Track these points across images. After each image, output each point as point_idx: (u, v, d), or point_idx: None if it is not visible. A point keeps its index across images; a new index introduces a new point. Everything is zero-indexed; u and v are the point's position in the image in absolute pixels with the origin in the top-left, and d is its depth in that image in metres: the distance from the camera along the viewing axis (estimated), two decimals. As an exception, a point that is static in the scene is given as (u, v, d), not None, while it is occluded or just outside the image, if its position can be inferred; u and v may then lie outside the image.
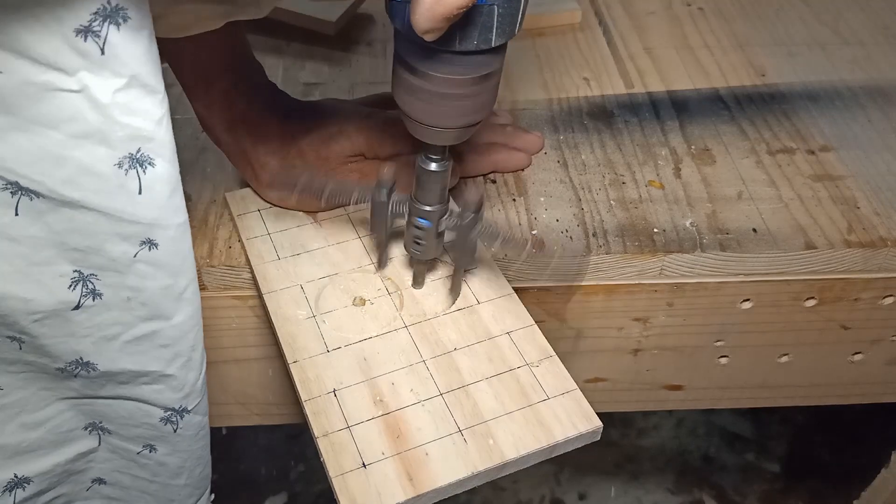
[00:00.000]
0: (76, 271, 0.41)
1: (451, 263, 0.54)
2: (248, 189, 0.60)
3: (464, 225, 0.48)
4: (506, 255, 0.56)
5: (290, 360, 0.49)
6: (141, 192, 0.40)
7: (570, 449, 0.46)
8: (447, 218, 0.50)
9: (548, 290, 0.58)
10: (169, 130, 0.40)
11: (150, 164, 0.39)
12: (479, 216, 0.48)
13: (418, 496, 0.42)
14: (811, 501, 1.18)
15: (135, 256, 0.41)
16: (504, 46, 0.41)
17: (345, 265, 0.55)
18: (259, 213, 0.58)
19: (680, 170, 0.64)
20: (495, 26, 0.39)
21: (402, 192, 0.50)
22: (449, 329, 0.51)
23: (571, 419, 0.46)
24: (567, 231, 0.58)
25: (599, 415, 0.46)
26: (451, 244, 0.52)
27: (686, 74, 0.74)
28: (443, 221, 0.50)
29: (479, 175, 0.62)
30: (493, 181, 0.62)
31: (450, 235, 0.51)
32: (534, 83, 0.73)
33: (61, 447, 0.50)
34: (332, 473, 0.43)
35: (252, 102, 0.56)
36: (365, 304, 0.52)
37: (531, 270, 0.57)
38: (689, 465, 1.24)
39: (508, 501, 1.19)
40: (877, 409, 0.73)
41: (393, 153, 0.58)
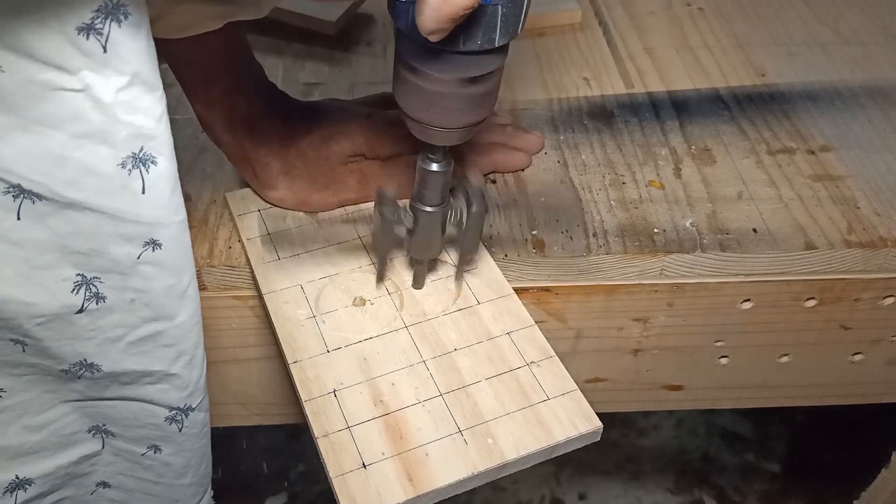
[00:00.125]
0: (79, 275, 0.41)
1: (450, 259, 0.54)
2: (248, 189, 0.60)
3: (474, 213, 0.48)
4: (505, 255, 0.56)
5: (290, 360, 0.49)
6: (144, 192, 0.40)
7: (570, 449, 0.46)
8: (451, 215, 0.50)
9: (548, 290, 0.58)
10: (168, 127, 0.40)
11: (152, 162, 0.39)
12: (484, 199, 0.48)
13: (418, 496, 0.42)
14: (811, 501, 1.18)
15: (138, 258, 0.41)
16: (506, 46, 0.41)
17: (345, 265, 0.55)
18: (259, 214, 0.58)
19: (680, 170, 0.64)
20: (499, 26, 0.39)
21: (402, 193, 0.50)
22: (449, 329, 0.51)
23: (571, 419, 0.46)
24: (567, 231, 0.58)
25: (599, 415, 0.46)
26: (461, 233, 0.51)
27: (686, 74, 0.74)
28: (449, 219, 0.50)
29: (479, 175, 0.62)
30: (493, 181, 0.62)
31: (452, 229, 0.51)
32: (534, 83, 0.73)
33: (64, 450, 0.50)
34: (332, 473, 0.43)
35: (252, 102, 0.56)
36: (365, 305, 0.52)
37: (528, 269, 0.57)
38: (689, 465, 1.24)
39: (508, 501, 1.19)
40: (877, 409, 0.73)
41: (393, 153, 0.58)
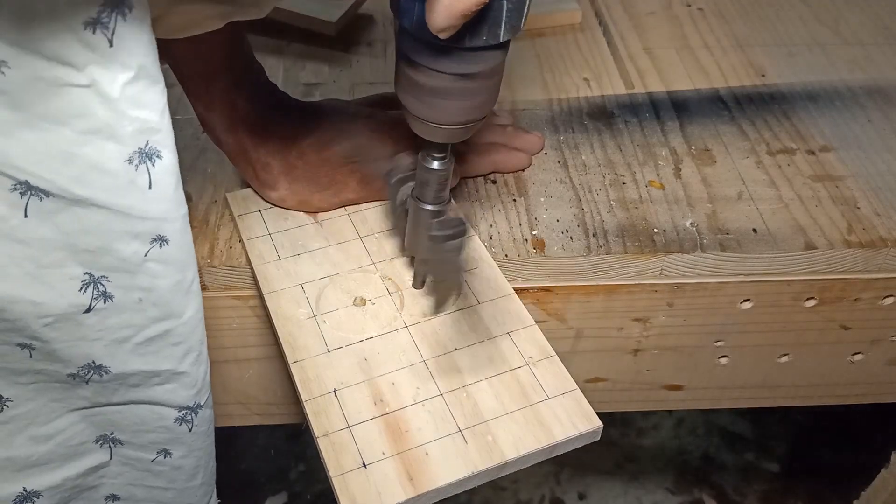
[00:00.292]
0: (87, 273, 0.41)
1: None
2: (248, 189, 0.60)
3: (440, 238, 0.47)
4: (506, 255, 0.56)
5: (290, 360, 0.49)
6: (151, 188, 0.39)
7: (570, 449, 0.46)
8: (440, 221, 0.49)
9: (548, 290, 0.58)
10: (170, 120, 0.40)
11: (157, 156, 0.39)
12: (461, 233, 0.47)
13: (418, 496, 0.42)
14: (811, 501, 1.18)
15: (146, 255, 0.41)
16: (508, 42, 0.42)
17: (345, 265, 0.55)
18: (260, 214, 0.58)
19: (680, 170, 0.64)
20: (504, 21, 0.39)
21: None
22: (449, 329, 0.51)
23: (571, 419, 0.46)
24: (567, 231, 0.58)
25: (599, 415, 0.46)
26: (432, 261, 0.51)
27: (686, 75, 0.74)
28: (433, 223, 0.49)
29: (480, 175, 0.63)
30: (494, 181, 0.62)
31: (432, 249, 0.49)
32: (534, 83, 0.73)
33: (71, 461, 0.49)
34: (333, 473, 0.43)
35: (252, 103, 0.56)
36: (365, 304, 0.52)
37: (528, 269, 0.57)
38: (689, 465, 1.24)
39: (508, 501, 1.19)
40: (877, 409, 0.73)
41: (394, 153, 0.58)
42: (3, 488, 0.47)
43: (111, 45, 0.35)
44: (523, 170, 0.63)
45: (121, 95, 0.36)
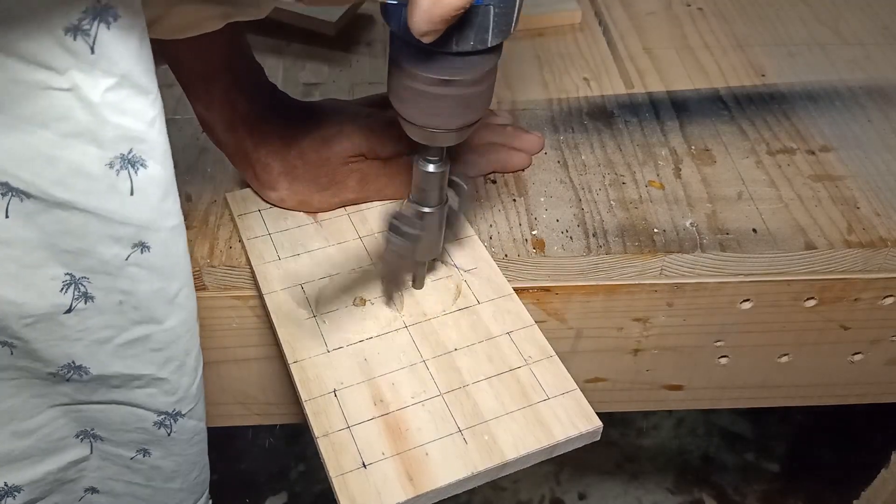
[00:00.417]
0: (68, 274, 0.40)
1: (451, 259, 0.54)
2: (248, 189, 0.60)
3: (462, 199, 0.48)
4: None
5: (290, 360, 0.49)
6: (133, 194, 0.39)
7: (570, 449, 0.46)
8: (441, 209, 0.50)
9: (548, 290, 0.58)
10: (162, 133, 0.40)
11: (142, 165, 0.39)
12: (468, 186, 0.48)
13: (418, 496, 0.42)
14: (811, 501, 1.18)
15: (126, 259, 0.41)
16: (500, 45, 0.41)
17: (345, 265, 0.55)
18: (259, 214, 0.58)
19: (680, 170, 0.64)
20: (491, 26, 0.39)
21: (403, 192, 0.50)
22: (449, 329, 0.51)
23: (571, 419, 0.46)
24: (567, 231, 0.58)
25: (599, 415, 0.46)
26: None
27: (686, 75, 0.74)
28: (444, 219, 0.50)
29: (480, 175, 0.63)
30: (493, 181, 0.62)
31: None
32: (534, 83, 0.73)
33: (53, 455, 0.49)
34: (333, 473, 0.43)
35: (252, 103, 0.56)
36: (365, 305, 0.52)
37: (528, 269, 0.57)
38: (689, 465, 1.24)
39: (508, 501, 1.19)
40: (877, 409, 0.73)
41: (394, 153, 0.58)
42: None
43: (93, 52, 0.35)
44: (523, 170, 0.63)
45: (102, 100, 0.36)
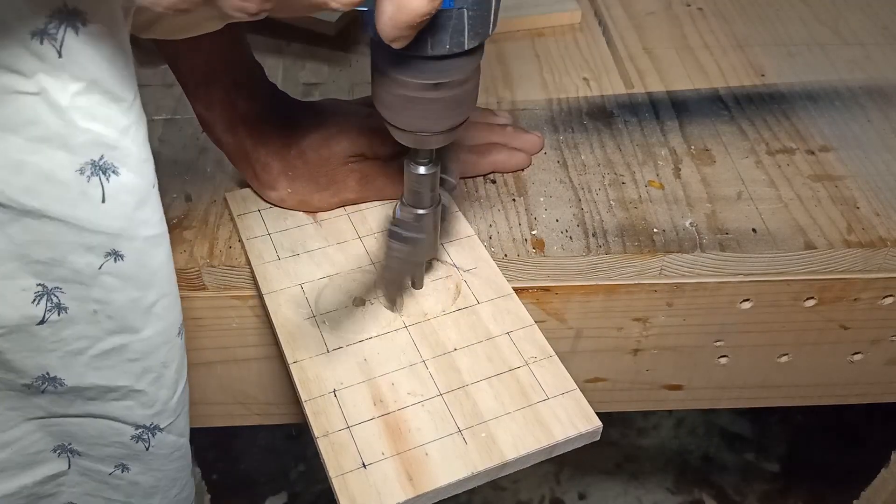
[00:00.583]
0: (40, 285, 0.40)
1: (450, 259, 0.54)
2: (248, 189, 0.60)
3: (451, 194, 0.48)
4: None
5: (290, 360, 0.49)
6: (104, 201, 0.39)
7: (569, 449, 0.46)
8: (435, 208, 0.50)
9: (548, 290, 0.58)
10: (137, 141, 0.39)
11: (113, 172, 0.38)
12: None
13: (418, 496, 0.42)
14: (811, 501, 1.18)
15: (100, 268, 0.40)
16: (480, 47, 0.41)
17: (345, 265, 0.55)
18: (259, 214, 0.58)
19: (680, 170, 0.64)
20: (466, 29, 0.38)
21: (401, 193, 0.50)
22: (449, 329, 0.51)
23: (571, 419, 0.46)
24: (567, 231, 0.58)
25: (599, 415, 0.46)
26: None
27: (686, 74, 0.74)
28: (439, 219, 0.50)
29: (479, 175, 0.63)
30: (493, 181, 0.62)
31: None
32: (534, 83, 0.73)
33: (28, 469, 0.48)
34: (332, 473, 0.43)
35: (252, 103, 0.56)
36: (365, 305, 0.52)
37: (528, 269, 0.57)
38: (689, 465, 1.24)
39: (508, 501, 1.20)
40: (877, 409, 0.73)
41: (394, 153, 0.58)
42: None
43: (60, 56, 0.35)
44: (523, 170, 0.63)
45: (70, 105, 0.36)
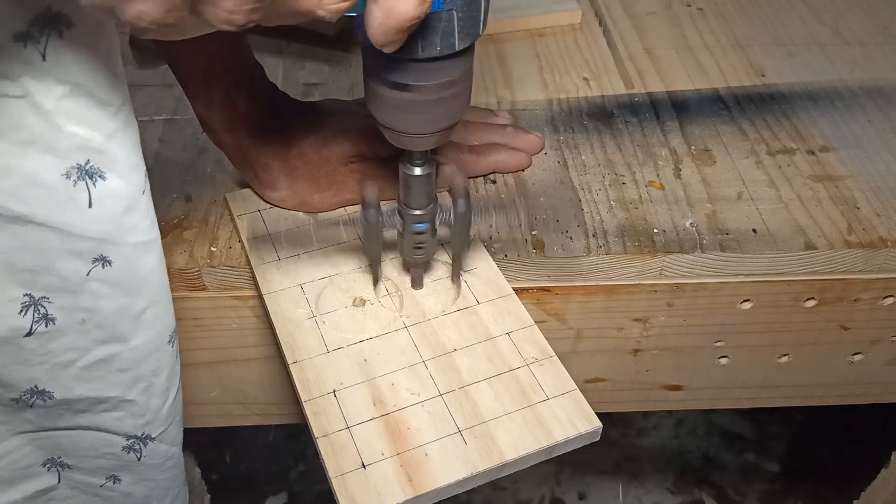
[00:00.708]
0: (26, 295, 0.39)
1: (448, 258, 0.54)
2: (248, 189, 0.60)
3: (459, 213, 0.48)
4: (497, 227, 0.56)
5: (290, 360, 0.49)
6: (91, 206, 0.39)
7: (569, 449, 0.46)
8: (439, 214, 0.50)
9: (548, 290, 0.58)
10: (125, 146, 0.39)
11: (100, 176, 0.38)
12: (469, 199, 0.48)
13: (418, 496, 0.42)
14: (811, 501, 1.18)
15: (87, 275, 0.40)
16: (471, 47, 0.41)
17: (345, 265, 0.55)
18: (259, 214, 0.58)
19: (680, 170, 0.64)
20: (457, 31, 0.38)
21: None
22: (449, 329, 0.51)
23: (571, 419, 0.46)
24: (567, 231, 0.58)
25: (599, 415, 0.46)
26: (451, 234, 0.51)
27: (686, 75, 0.74)
28: (437, 219, 0.50)
29: (479, 176, 0.63)
30: (493, 181, 0.62)
31: (441, 229, 0.51)
32: (534, 83, 0.73)
33: (18, 484, 0.48)
34: (332, 474, 0.43)
35: (252, 103, 0.56)
36: (365, 305, 0.52)
37: (528, 269, 0.57)
38: (689, 465, 1.24)
39: (508, 501, 1.19)
40: (877, 409, 0.73)
41: (394, 153, 0.58)
42: None
43: (44, 59, 0.35)
44: (523, 170, 0.63)
45: (55, 108, 0.36)
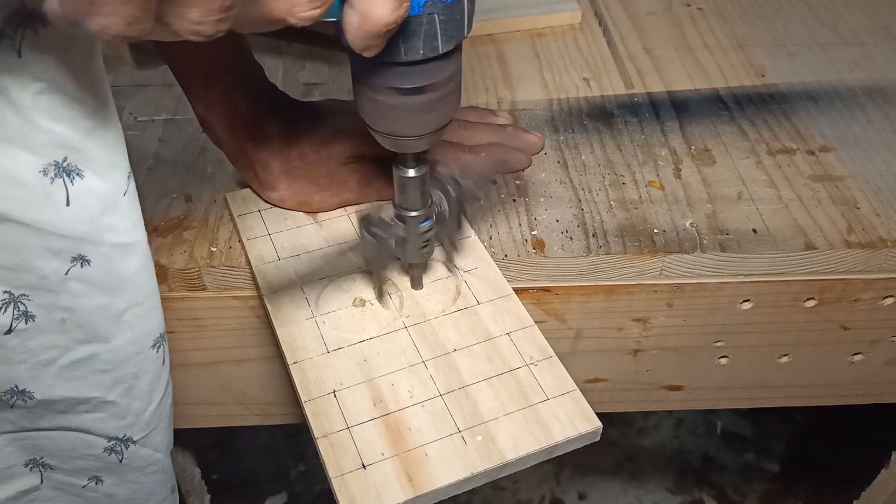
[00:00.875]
0: (6, 292, 0.40)
1: (444, 250, 0.54)
2: (248, 189, 0.60)
3: (453, 199, 0.48)
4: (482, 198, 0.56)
5: (290, 360, 0.49)
6: (69, 204, 0.39)
7: (569, 449, 0.46)
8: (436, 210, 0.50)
9: (548, 290, 0.58)
10: (104, 145, 0.39)
11: (78, 174, 0.38)
12: (462, 185, 0.48)
13: (418, 497, 0.42)
14: (811, 501, 1.18)
15: (66, 273, 0.40)
16: (457, 49, 0.41)
17: (345, 266, 0.55)
18: (259, 214, 0.58)
19: (680, 170, 0.64)
20: (439, 34, 0.38)
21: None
22: (449, 330, 0.51)
23: (571, 419, 0.46)
24: (567, 231, 0.58)
25: (599, 415, 0.46)
26: (440, 225, 0.51)
27: (686, 74, 0.74)
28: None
29: (479, 177, 0.62)
30: (493, 181, 0.62)
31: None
32: (534, 83, 0.73)
33: (0, 484, 0.48)
34: (332, 474, 0.43)
35: (252, 103, 0.56)
36: (365, 305, 0.52)
37: (528, 269, 0.57)
38: (689, 465, 1.24)
39: (508, 501, 1.20)
40: (877, 409, 0.73)
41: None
42: None
43: (19, 56, 0.35)
44: (523, 170, 0.63)
45: (32, 104, 0.36)
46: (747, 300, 0.60)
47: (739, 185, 0.62)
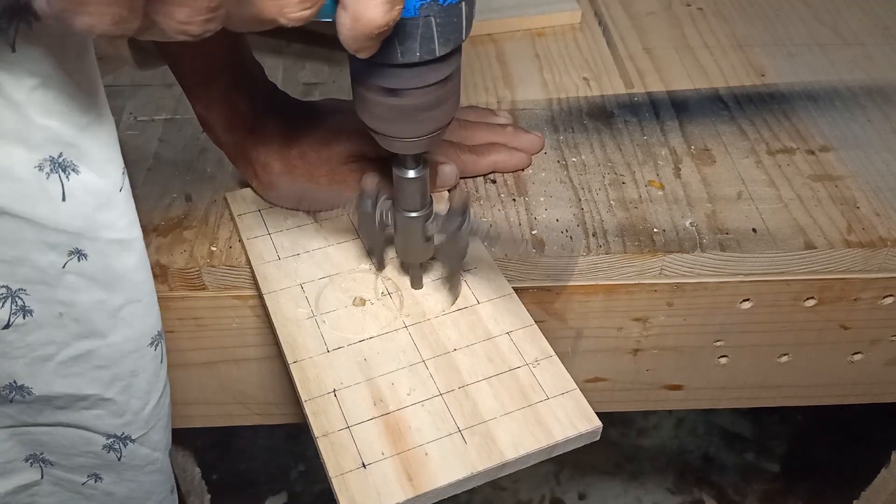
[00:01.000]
0: (4, 287, 0.40)
1: (444, 267, 0.54)
2: (248, 189, 0.60)
3: (451, 230, 0.48)
4: (506, 255, 0.56)
5: (290, 360, 0.49)
6: (65, 199, 0.39)
7: (569, 449, 0.46)
8: (432, 222, 0.50)
9: (548, 290, 0.58)
10: (99, 141, 0.39)
11: (73, 170, 0.38)
12: (466, 219, 0.48)
13: (418, 496, 0.42)
14: (811, 501, 1.18)
15: (63, 267, 0.40)
16: (455, 52, 0.41)
17: (345, 265, 0.55)
18: (259, 213, 0.58)
19: (680, 170, 0.64)
20: (436, 37, 0.38)
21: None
22: (449, 329, 0.51)
23: (571, 419, 0.46)
24: (567, 231, 0.58)
25: (599, 415, 0.46)
26: (442, 248, 0.51)
27: (686, 74, 0.74)
28: (429, 225, 0.50)
29: (479, 175, 0.63)
30: (493, 181, 0.62)
31: (439, 238, 0.51)
32: (534, 83, 0.73)
33: (1, 478, 0.48)
34: (332, 473, 0.43)
35: (252, 103, 0.56)
36: (365, 305, 0.52)
37: (528, 269, 0.57)
38: (689, 465, 1.24)
39: (508, 501, 1.20)
40: (877, 409, 0.73)
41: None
42: None
43: (14, 51, 0.35)
44: (523, 170, 0.63)
45: (27, 100, 0.36)
46: (747, 300, 0.60)
47: (739, 184, 0.62)
